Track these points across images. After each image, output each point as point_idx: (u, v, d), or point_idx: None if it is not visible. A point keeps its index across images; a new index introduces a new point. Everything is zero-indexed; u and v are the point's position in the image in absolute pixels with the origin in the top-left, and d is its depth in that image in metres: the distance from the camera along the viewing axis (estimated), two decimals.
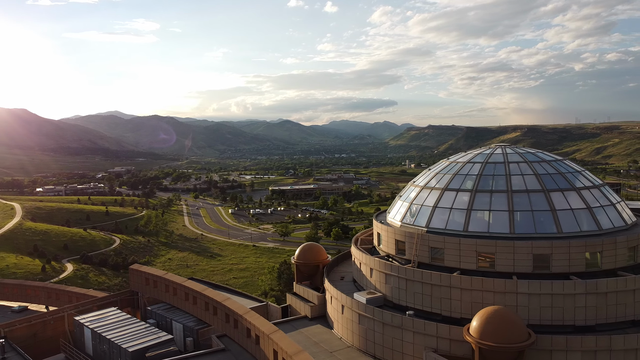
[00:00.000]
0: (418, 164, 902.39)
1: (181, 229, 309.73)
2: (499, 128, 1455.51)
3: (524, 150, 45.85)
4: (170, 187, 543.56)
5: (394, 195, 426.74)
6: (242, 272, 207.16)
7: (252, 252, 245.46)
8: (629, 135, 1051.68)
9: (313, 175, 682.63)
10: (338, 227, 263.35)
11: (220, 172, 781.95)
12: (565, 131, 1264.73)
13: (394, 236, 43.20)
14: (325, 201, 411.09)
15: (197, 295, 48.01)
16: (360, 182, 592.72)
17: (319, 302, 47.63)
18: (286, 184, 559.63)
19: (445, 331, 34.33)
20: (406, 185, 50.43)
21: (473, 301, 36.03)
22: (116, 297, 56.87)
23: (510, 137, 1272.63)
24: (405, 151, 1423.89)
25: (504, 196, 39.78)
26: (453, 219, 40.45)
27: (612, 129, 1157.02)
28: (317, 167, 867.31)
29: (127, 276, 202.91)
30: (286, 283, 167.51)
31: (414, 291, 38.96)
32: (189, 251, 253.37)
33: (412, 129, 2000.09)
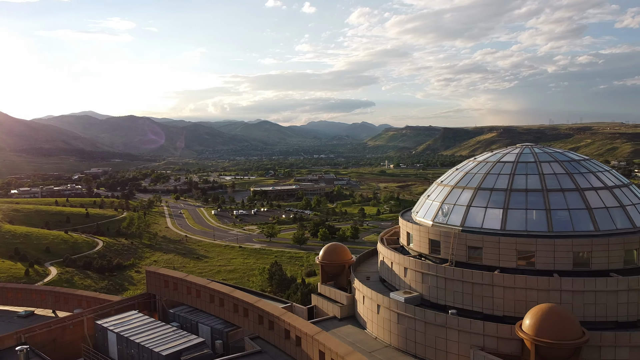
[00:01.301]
0: (397, 165, 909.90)
1: (164, 231, 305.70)
2: (476, 129, 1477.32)
3: (551, 149, 46.52)
4: (150, 189, 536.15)
5: (376, 196, 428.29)
6: (231, 273, 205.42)
7: (238, 254, 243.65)
8: (601, 136, 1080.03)
9: (293, 176, 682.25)
10: (325, 228, 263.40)
11: (199, 173, 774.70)
12: (540, 132, 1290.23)
13: (428, 235, 43.34)
14: (308, 202, 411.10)
15: (225, 297, 47.34)
16: (341, 183, 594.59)
17: (347, 303, 47.50)
18: (267, 185, 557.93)
19: (493, 329, 34.58)
20: (432, 185, 50.71)
21: (516, 299, 36.38)
22: (133, 301, 55.69)
23: (487, 138, 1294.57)
24: (384, 152, 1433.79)
25: (540, 195, 40.30)
26: (489, 218, 40.79)
27: (585, 130, 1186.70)
28: (296, 167, 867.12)
29: (113, 279, 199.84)
30: (278, 284, 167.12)
31: (453, 290, 39.14)
32: (174, 253, 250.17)
33: (390, 129, 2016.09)
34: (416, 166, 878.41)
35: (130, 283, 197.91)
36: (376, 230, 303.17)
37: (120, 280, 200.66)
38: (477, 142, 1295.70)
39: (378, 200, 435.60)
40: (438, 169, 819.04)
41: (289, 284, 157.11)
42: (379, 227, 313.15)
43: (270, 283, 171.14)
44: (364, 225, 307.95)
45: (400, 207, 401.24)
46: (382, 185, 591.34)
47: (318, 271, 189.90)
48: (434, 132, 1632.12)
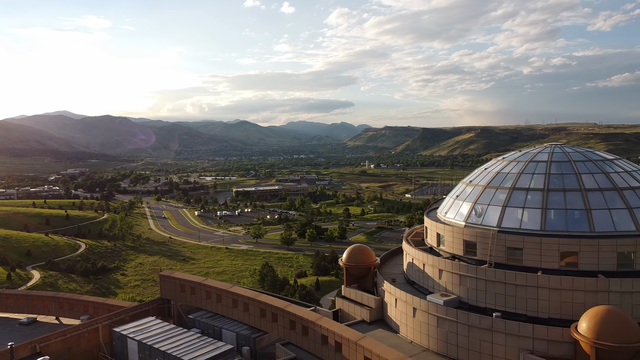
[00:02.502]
0: (377, 165, 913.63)
1: (147, 232, 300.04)
2: (454, 129, 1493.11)
3: (582, 149, 46.20)
4: (130, 190, 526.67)
5: (360, 196, 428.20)
6: (220, 275, 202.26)
7: (225, 255, 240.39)
8: (576, 137, 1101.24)
9: (275, 177, 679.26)
10: (312, 229, 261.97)
11: (178, 173, 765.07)
12: (516, 132, 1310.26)
13: (462, 236, 42.51)
14: (292, 202, 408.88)
15: (250, 302, 45.83)
16: (323, 183, 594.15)
17: (376, 306, 46.38)
18: (249, 185, 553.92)
19: (543, 332, 33.86)
20: (458, 185, 49.98)
21: (562, 301, 35.78)
22: (147, 306, 53.68)
23: (465, 138, 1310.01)
24: (363, 152, 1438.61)
25: (578, 195, 39.82)
26: (527, 218, 40.16)
27: (560, 130, 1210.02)
28: (277, 168, 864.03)
29: (99, 282, 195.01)
30: (270, 286, 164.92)
31: (494, 292, 38.37)
32: (159, 255, 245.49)
33: (369, 129, 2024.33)
34: (396, 166, 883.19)
35: (116, 286, 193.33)
36: (362, 230, 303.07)
37: (106, 283, 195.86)
38: (456, 142, 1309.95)
39: (362, 201, 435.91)
40: (418, 169, 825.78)
41: (283, 286, 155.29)
42: (364, 227, 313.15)
43: (261, 285, 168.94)
44: (350, 226, 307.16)
45: (384, 207, 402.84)
46: (364, 185, 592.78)
47: (309, 272, 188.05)
48: (412, 132, 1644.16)
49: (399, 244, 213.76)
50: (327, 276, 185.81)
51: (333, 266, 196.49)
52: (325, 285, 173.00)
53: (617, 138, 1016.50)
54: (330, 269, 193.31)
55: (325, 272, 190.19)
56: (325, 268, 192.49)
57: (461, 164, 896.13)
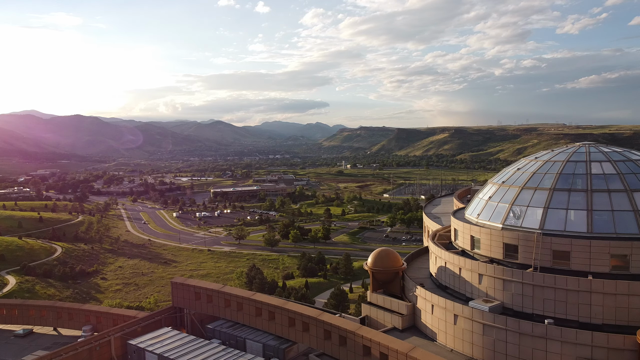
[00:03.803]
0: (354, 165, 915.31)
1: (125, 235, 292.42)
2: (428, 129, 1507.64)
3: (618, 148, 45.16)
4: (104, 191, 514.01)
5: (339, 196, 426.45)
6: (204, 278, 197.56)
7: (208, 257, 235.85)
8: (546, 137, 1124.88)
9: (252, 177, 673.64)
10: (295, 229, 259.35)
11: (153, 174, 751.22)
12: (489, 132, 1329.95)
13: (502, 239, 40.87)
14: (272, 203, 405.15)
15: (276, 310, 43.24)
16: (301, 183, 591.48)
17: (408, 312, 44.37)
18: (227, 186, 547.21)
19: (602, 339, 32.39)
20: (486, 186, 48.37)
21: (617, 306, 34.39)
22: (159, 316, 50.45)
23: (440, 138, 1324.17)
24: (339, 152, 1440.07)
25: (624, 195, 38.62)
26: (572, 220, 38.74)
27: (531, 131, 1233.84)
28: (253, 168, 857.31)
29: (78, 287, 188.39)
30: (259, 289, 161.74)
31: (543, 298, 36.76)
32: (139, 258, 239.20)
33: (344, 130, 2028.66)
34: (373, 166, 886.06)
35: (97, 291, 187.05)
36: (345, 230, 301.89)
37: (85, 288, 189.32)
38: (430, 142, 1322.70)
39: (341, 201, 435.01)
40: (394, 169, 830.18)
41: (272, 288, 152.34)
42: (347, 228, 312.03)
43: (249, 287, 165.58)
44: (332, 226, 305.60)
45: (364, 207, 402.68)
46: (341, 186, 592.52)
47: (296, 274, 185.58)
48: (387, 132, 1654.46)
49: (382, 244, 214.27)
50: (315, 278, 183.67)
51: (320, 267, 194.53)
52: (314, 287, 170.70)
53: (586, 138, 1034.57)
54: (317, 270, 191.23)
55: (313, 274, 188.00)
56: (312, 269, 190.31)
57: (436, 164, 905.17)
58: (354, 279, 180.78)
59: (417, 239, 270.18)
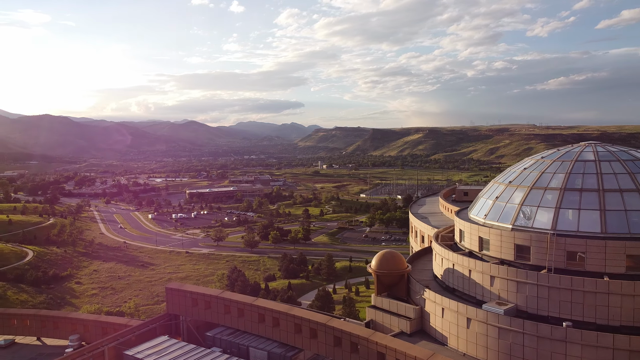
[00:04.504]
0: (330, 165, 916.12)
1: (99, 237, 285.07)
2: (403, 130, 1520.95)
3: (624, 147, 45.04)
4: (76, 192, 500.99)
5: (317, 196, 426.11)
6: (184, 281, 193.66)
7: (186, 259, 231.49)
8: (518, 137, 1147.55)
9: (227, 178, 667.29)
10: (275, 230, 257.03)
11: (126, 175, 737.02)
12: (462, 133, 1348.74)
13: (513, 240, 40.12)
14: (249, 203, 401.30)
15: (280, 316, 41.55)
16: (278, 184, 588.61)
17: (416, 316, 43.24)
18: (202, 187, 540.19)
19: (624, 342, 31.78)
20: (492, 186, 47.67)
21: (636, 307, 33.91)
22: (154, 324, 48.08)
23: (414, 139, 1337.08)
24: (314, 152, 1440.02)
25: (636, 195, 38.30)
26: (585, 221, 38.23)
27: (503, 131, 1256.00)
28: (229, 169, 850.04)
29: (52, 292, 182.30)
30: (241, 291, 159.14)
31: (559, 300, 36.08)
32: (115, 261, 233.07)
33: (319, 130, 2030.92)
34: (348, 166, 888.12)
35: (72, 296, 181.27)
36: (324, 231, 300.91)
37: (60, 293, 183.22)
38: (405, 142, 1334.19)
39: (319, 201, 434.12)
40: (370, 169, 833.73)
41: (255, 291, 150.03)
42: (326, 228, 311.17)
43: (231, 290, 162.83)
44: (311, 226, 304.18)
45: (342, 207, 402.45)
46: (318, 186, 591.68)
47: (277, 275, 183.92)
48: (362, 132, 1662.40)
49: (361, 244, 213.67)
50: (297, 279, 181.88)
51: (302, 268, 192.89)
52: (296, 288, 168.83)
53: (556, 139, 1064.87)
54: (299, 271, 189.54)
55: (295, 275, 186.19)
56: (294, 270, 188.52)
57: (411, 164, 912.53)
58: (336, 280, 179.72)
59: (396, 238, 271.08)
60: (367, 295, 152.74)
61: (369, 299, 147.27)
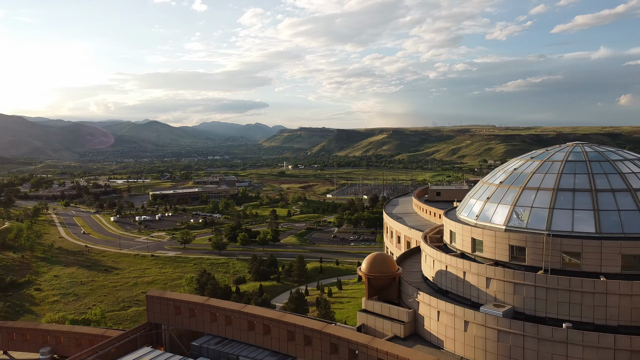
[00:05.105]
0: (295, 165, 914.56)
1: (59, 242, 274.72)
2: (367, 130, 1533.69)
3: (612, 148, 45.52)
4: (32, 195, 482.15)
5: (284, 197, 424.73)
6: (150, 285, 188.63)
7: (152, 263, 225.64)
8: (479, 138, 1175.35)
9: (192, 179, 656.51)
10: (243, 232, 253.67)
11: (85, 176, 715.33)
12: (425, 133, 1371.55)
13: (508, 241, 39.84)
14: (215, 205, 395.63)
15: (272, 323, 39.90)
16: (243, 184, 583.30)
17: (409, 319, 42.43)
18: (166, 188, 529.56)
19: (625, 342, 31.74)
20: (481, 186, 47.40)
21: (633, 307, 34.04)
22: (134, 334, 45.50)
23: (378, 139, 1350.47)
24: (279, 152, 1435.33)
25: (628, 195, 38.61)
26: (579, 221, 38.27)
27: (464, 132, 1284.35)
28: (193, 169, 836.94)
29: (10, 299, 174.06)
30: (211, 294, 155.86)
31: (557, 300, 35.90)
32: (76, 266, 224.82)
33: (284, 130, 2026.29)
34: (314, 167, 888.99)
35: (31, 303, 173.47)
36: (292, 232, 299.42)
37: (18, 300, 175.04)
38: (370, 143, 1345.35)
39: (286, 202, 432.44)
40: (335, 169, 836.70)
41: (226, 294, 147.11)
42: (294, 229, 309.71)
43: (201, 293, 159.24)
44: (279, 227, 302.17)
45: (309, 208, 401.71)
46: (284, 186, 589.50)
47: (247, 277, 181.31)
48: (327, 133, 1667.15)
49: (331, 244, 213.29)
50: (268, 281, 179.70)
51: (272, 270, 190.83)
52: (268, 290, 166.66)
53: (515, 139, 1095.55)
54: (270, 273, 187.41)
55: (266, 277, 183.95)
56: (264, 272, 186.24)
57: (375, 164, 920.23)
58: (308, 281, 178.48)
59: (364, 238, 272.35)
60: (340, 297, 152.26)
61: (343, 300, 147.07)
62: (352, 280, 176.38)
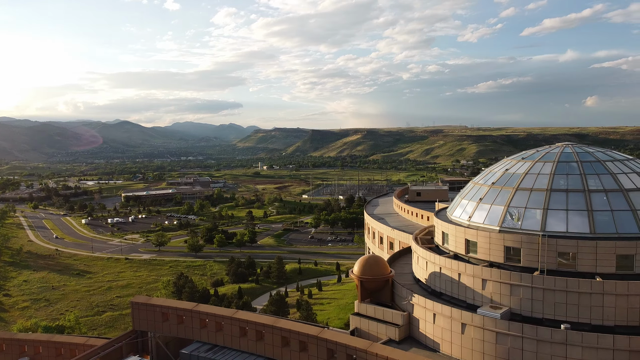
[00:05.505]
0: (270, 166, 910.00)
1: (28, 245, 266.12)
2: (341, 131, 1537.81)
3: (601, 149, 45.99)
4: None
5: (259, 198, 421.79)
6: (125, 289, 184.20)
7: (126, 266, 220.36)
8: (451, 138, 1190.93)
9: (165, 180, 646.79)
10: (220, 233, 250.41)
11: (54, 178, 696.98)
12: (399, 134, 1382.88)
13: (502, 242, 39.72)
14: (190, 206, 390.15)
15: (265, 329, 38.86)
16: (218, 185, 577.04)
17: (404, 322, 41.95)
18: (139, 190, 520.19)
19: (624, 342, 31.89)
20: (473, 187, 47.27)
21: (629, 307, 34.25)
22: (119, 342, 43.84)
23: (353, 140, 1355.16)
24: (254, 153, 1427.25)
25: (620, 195, 38.94)
26: (574, 221, 38.40)
27: (437, 132, 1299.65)
28: (166, 170, 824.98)
29: None
30: (189, 298, 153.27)
31: (554, 301, 35.91)
32: (47, 270, 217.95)
33: (259, 131, 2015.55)
34: (289, 167, 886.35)
35: (0, 309, 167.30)
36: (269, 233, 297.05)
37: None
38: (344, 143, 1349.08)
39: (262, 203, 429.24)
40: (310, 169, 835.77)
41: (204, 297, 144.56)
42: (271, 230, 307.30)
43: (178, 297, 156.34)
44: (256, 229, 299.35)
45: (286, 208, 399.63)
46: (259, 187, 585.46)
47: (225, 280, 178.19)
48: (302, 133, 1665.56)
49: (308, 245, 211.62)
50: (246, 283, 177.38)
51: (251, 272, 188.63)
52: (247, 292, 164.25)
53: (486, 139, 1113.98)
54: (248, 275, 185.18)
55: (244, 279, 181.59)
56: (242, 274, 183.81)
57: (350, 165, 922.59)
58: (287, 283, 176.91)
59: (342, 239, 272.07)
60: (321, 298, 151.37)
61: (323, 301, 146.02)
62: (331, 281, 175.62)
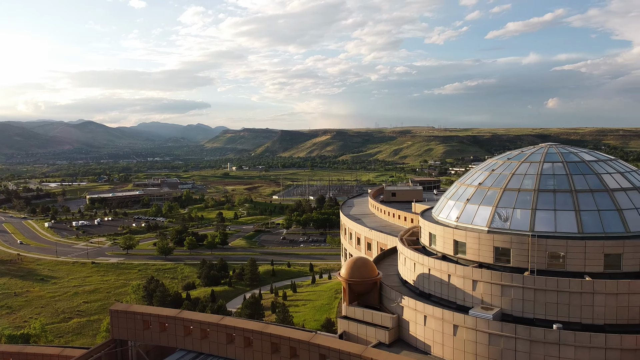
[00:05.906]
0: (239, 167, 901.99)
1: None
2: (311, 131, 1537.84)
3: (585, 149, 46.66)
4: None
5: (229, 199, 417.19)
6: (93, 294, 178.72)
7: (93, 271, 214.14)
8: (419, 139, 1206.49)
9: (131, 181, 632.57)
10: (190, 235, 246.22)
11: (14, 180, 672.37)
12: (368, 134, 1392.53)
13: (492, 243, 39.68)
14: (158, 208, 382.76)
15: (253, 335, 37.68)
16: (187, 187, 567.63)
17: (394, 325, 41.44)
18: (104, 191, 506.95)
19: (615, 341, 32.15)
20: (458, 187, 47.19)
21: (618, 305, 34.62)
22: (98, 352, 41.85)
23: (322, 140, 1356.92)
24: (222, 154, 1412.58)
25: (606, 195, 39.43)
26: (562, 221, 38.67)
27: (405, 133, 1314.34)
28: (132, 171, 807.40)
29: None
30: (160, 302, 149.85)
31: (545, 301, 36.00)
32: (8, 276, 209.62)
33: (227, 131, 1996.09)
34: (258, 168, 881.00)
35: None
36: (240, 234, 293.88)
37: None
38: (313, 144, 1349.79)
39: (232, 204, 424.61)
40: (280, 170, 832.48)
41: (177, 301, 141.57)
42: (242, 231, 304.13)
43: (149, 302, 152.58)
44: (227, 230, 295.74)
45: (257, 209, 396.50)
46: (229, 188, 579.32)
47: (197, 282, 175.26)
48: (271, 134, 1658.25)
49: (281, 247, 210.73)
50: (219, 286, 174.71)
51: (223, 275, 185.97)
52: (220, 295, 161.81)
53: (453, 140, 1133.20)
54: (220, 278, 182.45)
55: (216, 282, 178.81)
56: (215, 277, 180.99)
57: (320, 165, 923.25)
58: (260, 285, 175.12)
59: (314, 239, 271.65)
60: (296, 299, 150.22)
61: (298, 303, 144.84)
62: (305, 282, 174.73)
